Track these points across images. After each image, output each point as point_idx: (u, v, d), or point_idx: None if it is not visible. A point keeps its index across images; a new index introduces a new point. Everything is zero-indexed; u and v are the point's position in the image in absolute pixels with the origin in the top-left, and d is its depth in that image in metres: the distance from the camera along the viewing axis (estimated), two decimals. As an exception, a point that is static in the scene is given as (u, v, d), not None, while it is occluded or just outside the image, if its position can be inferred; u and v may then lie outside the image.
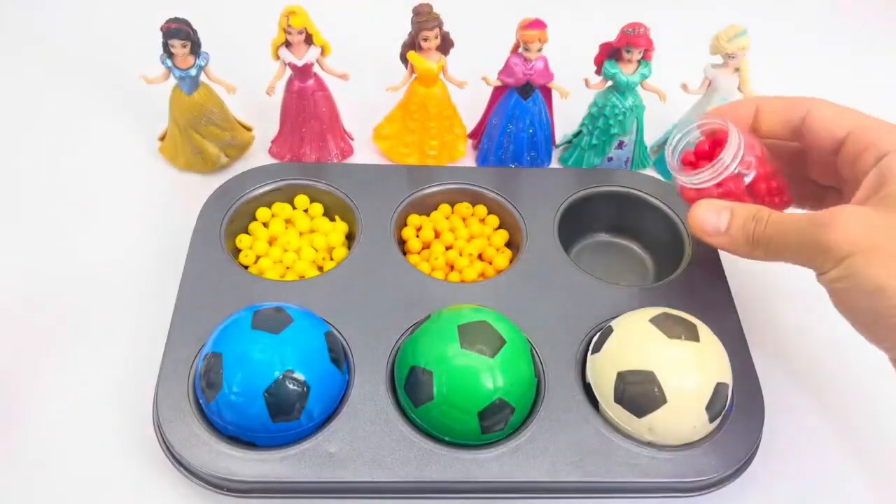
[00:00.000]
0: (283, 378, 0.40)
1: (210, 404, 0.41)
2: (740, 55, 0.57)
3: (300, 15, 0.53)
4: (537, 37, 0.55)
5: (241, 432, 0.41)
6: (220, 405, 0.40)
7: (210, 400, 0.41)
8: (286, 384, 0.40)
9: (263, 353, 0.40)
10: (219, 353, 0.41)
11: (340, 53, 0.58)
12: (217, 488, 0.42)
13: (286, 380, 0.40)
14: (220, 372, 0.40)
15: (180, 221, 0.55)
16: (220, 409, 0.40)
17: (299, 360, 0.40)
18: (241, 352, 0.40)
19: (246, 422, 0.40)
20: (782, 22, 0.83)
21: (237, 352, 0.40)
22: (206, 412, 0.42)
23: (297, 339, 0.41)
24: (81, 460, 0.45)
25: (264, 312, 0.42)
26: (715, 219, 0.41)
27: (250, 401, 0.39)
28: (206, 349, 0.42)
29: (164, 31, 0.53)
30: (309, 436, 0.42)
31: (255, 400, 0.39)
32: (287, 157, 0.62)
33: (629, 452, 0.43)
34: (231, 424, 0.41)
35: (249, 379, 0.40)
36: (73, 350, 0.49)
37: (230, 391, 0.40)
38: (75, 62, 0.71)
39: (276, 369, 0.40)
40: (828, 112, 0.42)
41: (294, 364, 0.40)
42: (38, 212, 0.58)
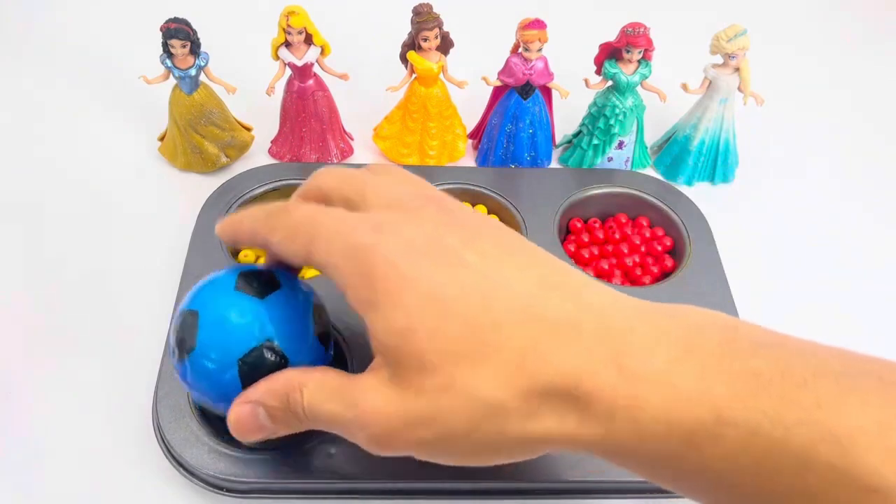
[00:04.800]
0: (261, 347, 0.35)
1: (180, 364, 0.36)
2: (740, 55, 0.57)
3: (300, 15, 0.53)
4: (537, 37, 0.55)
5: (209, 399, 0.37)
6: (191, 368, 0.36)
7: (180, 358, 0.36)
8: (264, 354, 0.35)
9: (244, 317, 0.35)
10: (195, 310, 0.36)
11: (340, 54, 0.58)
12: (217, 489, 0.42)
13: (265, 349, 0.35)
14: (195, 332, 0.35)
15: (180, 221, 0.55)
16: (190, 371, 0.36)
17: (282, 330, 0.36)
18: (219, 313, 0.36)
19: (215, 389, 0.36)
20: (783, 21, 0.83)
21: (215, 313, 0.36)
22: (176, 373, 0.37)
23: (282, 306, 0.37)
24: (80, 461, 0.45)
25: (250, 274, 0.38)
26: (253, 424, 0.34)
27: (223, 368, 0.35)
28: (182, 305, 0.37)
29: (164, 31, 0.53)
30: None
31: (229, 368, 0.35)
32: (287, 158, 0.62)
33: (629, 453, 0.43)
34: (198, 391, 0.36)
35: (225, 344, 0.35)
36: (72, 350, 0.49)
37: (202, 354, 0.35)
38: (74, 62, 0.71)
39: (255, 337, 0.35)
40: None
41: (275, 334, 0.35)
42: (37, 211, 0.58)
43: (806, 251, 0.58)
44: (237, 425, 0.33)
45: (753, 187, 0.63)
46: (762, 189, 0.63)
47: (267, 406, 0.33)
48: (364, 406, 0.30)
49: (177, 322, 0.37)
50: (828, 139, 0.69)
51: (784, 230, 0.60)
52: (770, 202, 0.63)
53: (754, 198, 0.63)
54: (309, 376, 0.32)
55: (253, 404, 0.33)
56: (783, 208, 0.62)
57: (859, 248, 0.59)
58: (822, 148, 0.68)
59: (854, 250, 0.59)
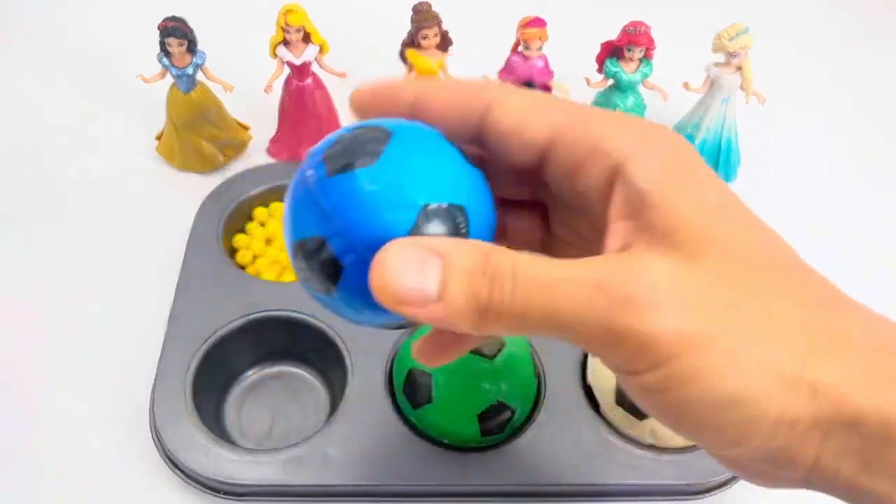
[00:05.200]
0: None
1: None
2: (742, 54, 0.56)
3: (298, 13, 0.53)
4: (538, 35, 0.54)
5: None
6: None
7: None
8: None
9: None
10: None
11: (339, 52, 0.58)
12: (214, 492, 0.42)
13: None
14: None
15: (177, 221, 0.55)
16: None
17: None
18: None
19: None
20: (784, 20, 0.82)
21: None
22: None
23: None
24: (76, 462, 0.44)
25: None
26: (414, 279, 0.20)
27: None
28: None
29: (161, 29, 0.53)
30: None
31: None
32: (285, 157, 0.61)
33: (630, 455, 0.42)
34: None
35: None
36: (69, 350, 0.49)
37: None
38: (72, 61, 0.71)
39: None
40: (518, 103, 0.24)
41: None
42: (35, 211, 0.58)
43: (807, 250, 0.57)
44: (388, 281, 0.20)
45: (755, 186, 0.63)
46: (764, 188, 0.63)
47: (448, 262, 0.20)
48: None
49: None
50: (829, 139, 0.69)
51: (785, 229, 0.59)
52: (771, 201, 0.62)
53: (756, 197, 0.61)
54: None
55: (426, 250, 0.20)
56: (785, 207, 0.62)
57: (860, 248, 0.59)
58: (823, 147, 0.68)
59: (855, 250, 0.58)
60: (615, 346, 0.20)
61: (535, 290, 0.20)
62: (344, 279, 0.22)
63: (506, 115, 0.24)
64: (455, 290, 0.20)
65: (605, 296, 0.20)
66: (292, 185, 0.23)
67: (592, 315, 0.20)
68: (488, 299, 0.20)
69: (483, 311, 0.20)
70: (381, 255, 0.20)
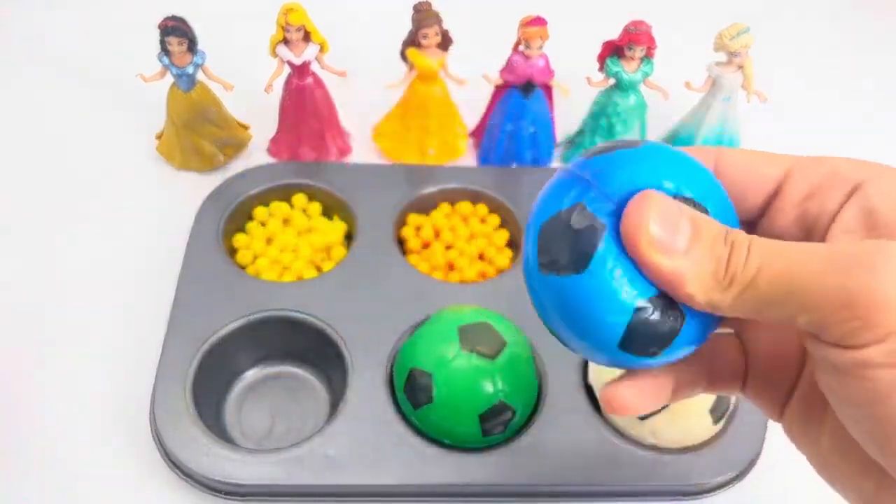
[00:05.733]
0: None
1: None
2: (744, 53, 0.56)
3: (298, 12, 0.53)
4: (538, 34, 0.54)
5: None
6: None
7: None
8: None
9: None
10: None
11: (339, 51, 0.57)
12: (214, 491, 0.41)
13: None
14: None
15: (177, 220, 0.55)
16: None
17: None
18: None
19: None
20: (786, 19, 0.82)
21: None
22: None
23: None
24: (77, 462, 0.44)
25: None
26: (666, 228, 0.21)
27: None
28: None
29: (161, 28, 0.53)
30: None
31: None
32: (285, 156, 0.61)
33: (632, 455, 0.42)
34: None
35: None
36: (69, 350, 0.49)
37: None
38: (72, 60, 0.71)
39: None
40: (745, 154, 0.26)
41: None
42: (35, 211, 0.58)
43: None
44: (638, 226, 0.21)
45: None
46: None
47: (697, 225, 0.21)
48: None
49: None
50: (830, 138, 0.68)
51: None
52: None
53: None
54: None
55: (680, 210, 0.21)
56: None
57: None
58: (824, 146, 0.67)
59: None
60: (844, 310, 0.20)
61: (770, 256, 0.21)
62: (605, 242, 0.21)
63: (736, 155, 0.26)
64: (699, 250, 0.21)
65: (842, 261, 0.20)
66: (542, 190, 0.24)
67: (826, 277, 0.20)
68: (726, 264, 0.21)
69: (719, 274, 0.21)
70: (640, 199, 0.21)
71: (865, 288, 0.19)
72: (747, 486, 0.44)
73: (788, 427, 0.26)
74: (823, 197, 0.24)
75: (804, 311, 0.20)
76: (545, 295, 0.22)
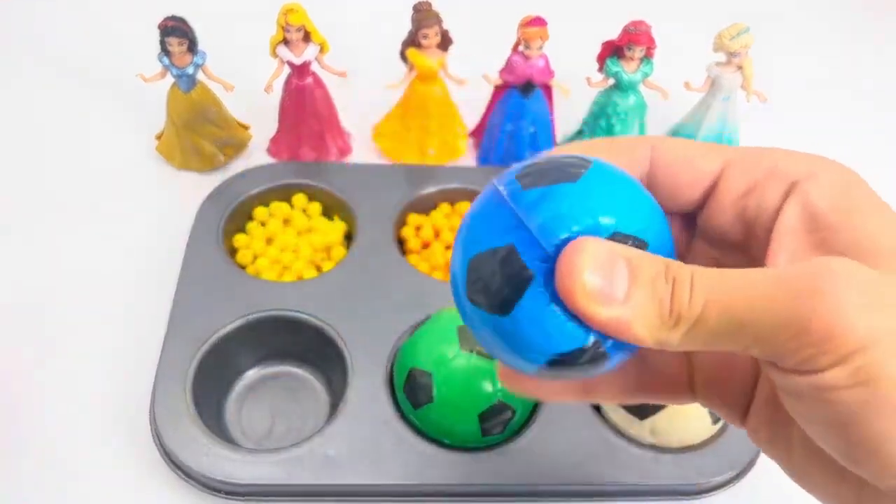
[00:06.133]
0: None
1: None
2: (743, 53, 0.56)
3: (298, 12, 0.53)
4: (538, 34, 0.54)
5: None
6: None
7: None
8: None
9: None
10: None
11: (339, 51, 0.57)
12: (214, 491, 0.41)
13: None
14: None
15: (177, 221, 0.55)
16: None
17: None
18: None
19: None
20: (785, 20, 0.82)
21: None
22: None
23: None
24: (77, 462, 0.44)
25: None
26: (604, 276, 0.20)
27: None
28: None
29: (162, 28, 0.53)
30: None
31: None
32: (285, 156, 0.61)
33: (631, 455, 0.42)
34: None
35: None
36: (69, 350, 0.49)
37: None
38: (72, 60, 0.71)
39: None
40: (681, 146, 0.25)
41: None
42: (34, 211, 0.58)
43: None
44: (575, 281, 0.20)
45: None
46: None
47: (634, 267, 0.20)
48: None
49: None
50: (830, 138, 0.68)
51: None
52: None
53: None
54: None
55: (614, 253, 0.20)
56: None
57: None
58: (824, 146, 0.67)
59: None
60: (798, 339, 0.19)
61: (715, 291, 0.20)
62: (530, 291, 0.20)
63: (672, 148, 0.25)
64: (640, 293, 0.20)
65: (789, 287, 0.19)
66: (474, 206, 0.22)
67: (775, 307, 0.19)
68: (670, 303, 0.20)
69: (664, 315, 0.20)
70: (573, 250, 0.20)
71: (816, 315, 0.19)
72: (747, 486, 0.44)
73: (756, 435, 0.25)
74: (762, 193, 0.24)
75: (756, 343, 0.20)
76: (472, 318, 0.22)
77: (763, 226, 0.23)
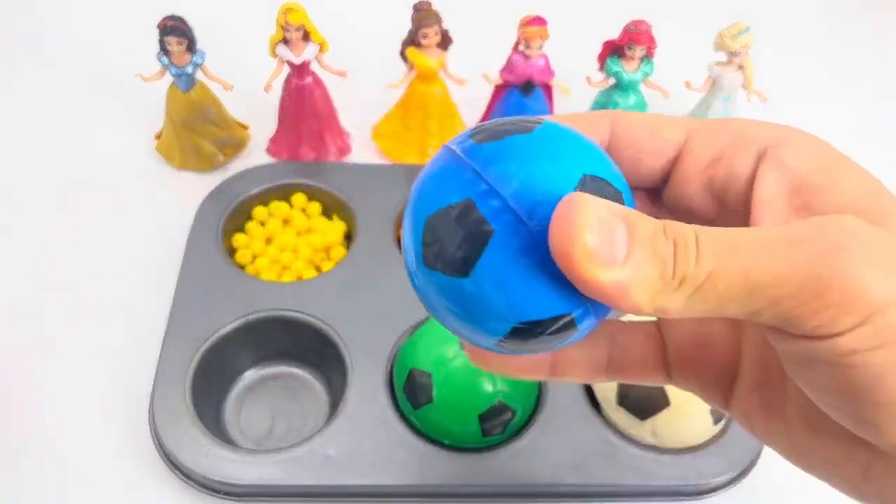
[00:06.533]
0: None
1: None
2: (744, 52, 0.56)
3: (298, 12, 0.53)
4: (538, 34, 0.54)
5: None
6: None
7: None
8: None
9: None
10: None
11: (339, 51, 0.57)
12: (213, 492, 0.41)
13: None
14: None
15: (177, 220, 0.55)
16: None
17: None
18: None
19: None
20: (787, 19, 0.82)
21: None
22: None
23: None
24: (77, 463, 0.44)
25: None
26: (603, 236, 0.18)
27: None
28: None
29: (161, 28, 0.53)
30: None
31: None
32: (285, 156, 0.61)
33: (632, 456, 0.42)
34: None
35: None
36: (69, 350, 0.49)
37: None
38: (71, 60, 0.71)
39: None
40: (643, 117, 0.24)
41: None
42: (34, 211, 0.57)
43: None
44: (574, 242, 0.17)
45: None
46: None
47: (633, 226, 0.18)
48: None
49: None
50: (830, 138, 0.68)
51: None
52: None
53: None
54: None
55: (611, 210, 0.18)
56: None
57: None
58: (825, 146, 0.67)
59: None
60: (818, 299, 0.18)
61: (722, 249, 0.18)
62: (491, 247, 0.18)
63: (633, 118, 0.23)
64: (640, 253, 0.18)
65: (807, 246, 0.18)
66: (424, 170, 0.21)
67: (792, 266, 0.18)
68: (674, 263, 0.18)
69: (667, 276, 0.18)
70: (571, 207, 0.18)
71: (838, 273, 0.17)
72: (747, 486, 0.44)
73: (747, 419, 0.24)
74: (730, 161, 0.22)
75: (770, 306, 0.18)
76: (427, 287, 0.20)
77: (736, 194, 0.22)
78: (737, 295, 0.18)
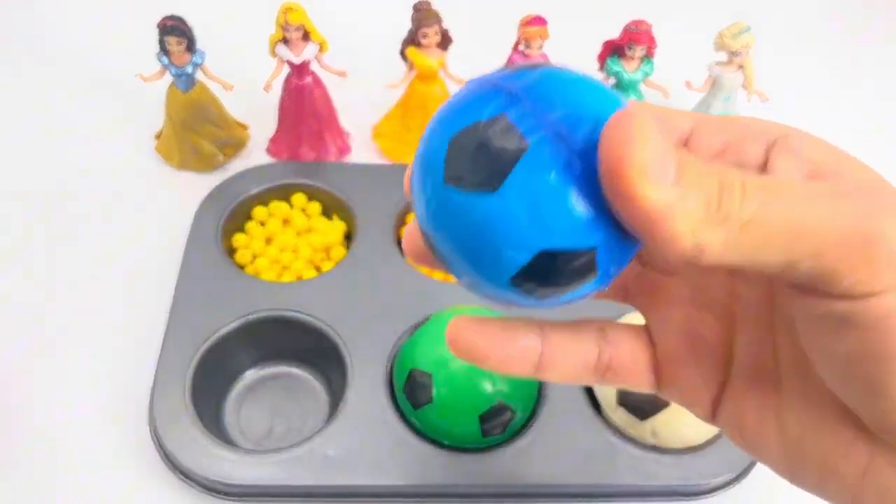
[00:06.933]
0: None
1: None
2: (744, 52, 0.56)
3: (298, 11, 0.53)
4: (538, 33, 0.54)
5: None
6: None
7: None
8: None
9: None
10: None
11: (339, 51, 0.57)
12: (213, 492, 0.41)
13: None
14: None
15: (176, 220, 0.54)
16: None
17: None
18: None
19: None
20: (787, 19, 0.82)
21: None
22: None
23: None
24: (77, 462, 0.44)
25: None
26: (657, 154, 0.17)
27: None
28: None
29: (161, 28, 0.53)
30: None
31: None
32: (284, 156, 0.61)
33: (632, 456, 0.42)
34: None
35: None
36: (69, 350, 0.49)
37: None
38: (71, 60, 0.71)
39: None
40: (653, 105, 0.24)
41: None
42: (34, 211, 0.57)
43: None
44: (634, 141, 0.17)
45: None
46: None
47: (682, 158, 0.18)
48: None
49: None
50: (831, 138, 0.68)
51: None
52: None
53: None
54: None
55: (665, 137, 0.18)
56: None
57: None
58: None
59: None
60: (859, 255, 0.17)
61: (769, 193, 0.18)
62: (524, 161, 0.17)
63: (643, 105, 0.24)
64: (688, 181, 0.17)
65: (855, 202, 0.18)
66: (447, 101, 0.20)
67: (840, 218, 0.17)
68: (718, 198, 0.18)
69: (712, 206, 0.17)
70: (624, 119, 0.17)
71: (887, 229, 0.17)
72: (747, 487, 0.44)
73: (736, 423, 0.23)
74: (740, 150, 0.22)
75: (811, 256, 0.17)
76: (442, 209, 0.19)
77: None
78: (779, 241, 0.17)
